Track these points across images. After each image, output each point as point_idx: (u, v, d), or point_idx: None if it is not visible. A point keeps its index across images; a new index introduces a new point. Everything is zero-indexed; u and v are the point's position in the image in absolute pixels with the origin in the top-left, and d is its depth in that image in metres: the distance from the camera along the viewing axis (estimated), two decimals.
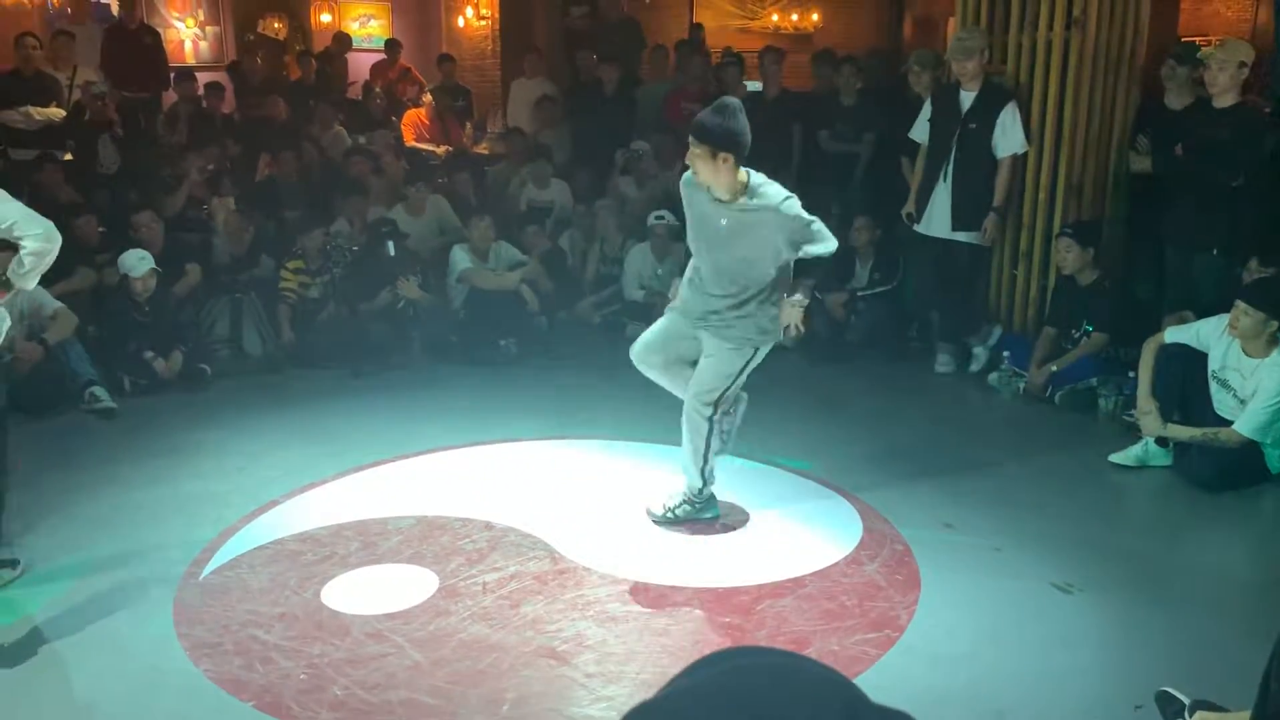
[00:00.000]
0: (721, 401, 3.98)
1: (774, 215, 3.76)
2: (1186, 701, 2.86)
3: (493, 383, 6.05)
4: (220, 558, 3.92)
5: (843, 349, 6.45)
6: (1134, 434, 4.93)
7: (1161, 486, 4.68)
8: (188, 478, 4.68)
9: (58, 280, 5.69)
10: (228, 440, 5.13)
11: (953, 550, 3.99)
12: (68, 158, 7.74)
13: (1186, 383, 4.77)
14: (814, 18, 12.94)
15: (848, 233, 6.36)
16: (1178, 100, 5.91)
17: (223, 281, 6.85)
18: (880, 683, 3.06)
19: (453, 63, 10.43)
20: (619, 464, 4.82)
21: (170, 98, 9.05)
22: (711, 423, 3.99)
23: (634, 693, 3.08)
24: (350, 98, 10.26)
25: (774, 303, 3.91)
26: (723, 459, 4.20)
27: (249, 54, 10.66)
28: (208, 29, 11.58)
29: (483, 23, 12.10)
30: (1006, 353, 5.99)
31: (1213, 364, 4.71)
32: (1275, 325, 4.48)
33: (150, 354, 5.87)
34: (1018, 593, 3.67)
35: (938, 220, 5.99)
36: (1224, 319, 4.62)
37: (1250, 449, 4.49)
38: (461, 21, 12.46)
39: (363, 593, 3.66)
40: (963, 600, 3.63)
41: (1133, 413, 4.98)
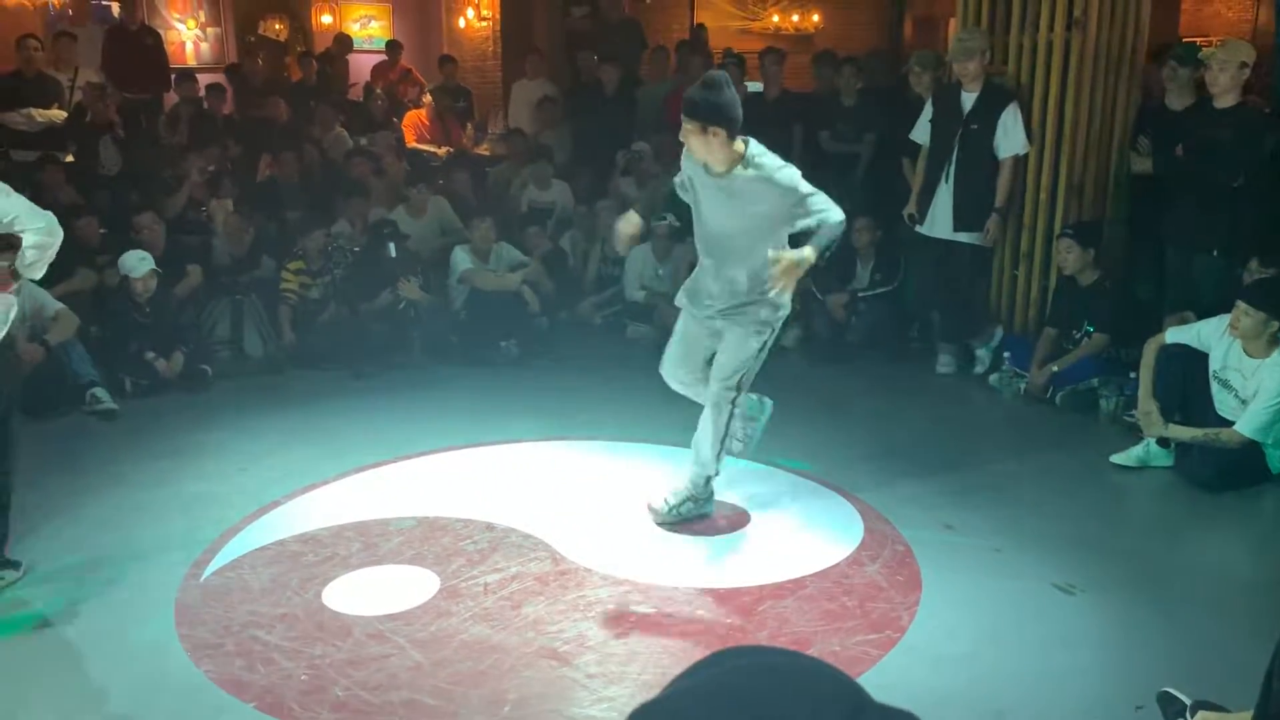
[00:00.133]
0: (745, 382, 3.97)
1: (768, 185, 3.70)
2: (1188, 702, 2.86)
3: (493, 383, 6.04)
4: (221, 559, 3.92)
5: (843, 350, 6.44)
6: (1135, 434, 4.93)
7: (1162, 487, 4.68)
8: (189, 479, 4.68)
9: (59, 281, 5.69)
10: (229, 441, 5.13)
11: (954, 551, 3.99)
12: (69, 159, 7.76)
13: (1187, 383, 4.77)
14: (815, 18, 12.96)
15: (848, 234, 6.34)
16: (1178, 101, 5.91)
17: (224, 282, 6.85)
18: (881, 683, 3.06)
19: (454, 64, 10.44)
20: (620, 465, 4.81)
21: (171, 99, 9.07)
22: (734, 404, 3.98)
23: (635, 693, 3.08)
24: (351, 99, 10.25)
25: None
26: (737, 463, 4.17)
27: (250, 55, 10.66)
28: (209, 30, 11.59)
29: (483, 24, 12.11)
30: (1007, 353, 5.99)
31: (1214, 364, 4.71)
32: (1276, 325, 4.48)
33: (151, 355, 5.87)
34: (1019, 593, 3.67)
35: (940, 221, 5.98)
36: (1225, 319, 4.62)
37: (1251, 449, 4.49)
38: (462, 22, 12.47)
39: (364, 594, 3.66)
40: (964, 601, 3.63)
41: (1134, 413, 4.99)
